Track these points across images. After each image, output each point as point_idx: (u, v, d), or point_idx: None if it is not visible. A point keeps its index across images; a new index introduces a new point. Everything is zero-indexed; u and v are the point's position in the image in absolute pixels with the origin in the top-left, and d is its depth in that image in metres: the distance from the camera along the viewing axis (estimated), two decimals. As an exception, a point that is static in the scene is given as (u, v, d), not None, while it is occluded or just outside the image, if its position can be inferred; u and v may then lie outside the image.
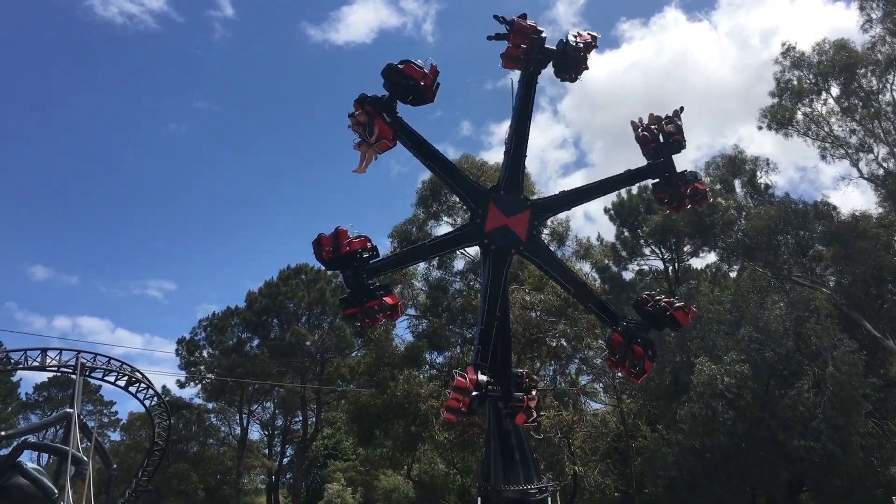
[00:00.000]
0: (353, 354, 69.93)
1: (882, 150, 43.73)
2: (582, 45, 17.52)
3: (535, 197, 20.88)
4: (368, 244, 16.07)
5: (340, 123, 16.89)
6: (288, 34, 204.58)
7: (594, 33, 17.89)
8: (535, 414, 15.45)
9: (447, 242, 19.76)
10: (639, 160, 18.11)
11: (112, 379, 50.81)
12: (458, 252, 46.89)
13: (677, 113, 17.77)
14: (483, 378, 14.87)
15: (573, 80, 18.09)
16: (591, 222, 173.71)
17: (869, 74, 43.97)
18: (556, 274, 17.62)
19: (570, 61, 17.64)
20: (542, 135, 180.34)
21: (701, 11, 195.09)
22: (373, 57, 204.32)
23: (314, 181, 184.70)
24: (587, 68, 18.01)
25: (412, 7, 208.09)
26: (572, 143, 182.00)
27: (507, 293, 17.04)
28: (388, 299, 16.00)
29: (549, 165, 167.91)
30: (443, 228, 47.52)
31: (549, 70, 17.73)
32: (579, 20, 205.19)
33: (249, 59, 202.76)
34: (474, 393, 14.50)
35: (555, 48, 17.47)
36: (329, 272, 61.67)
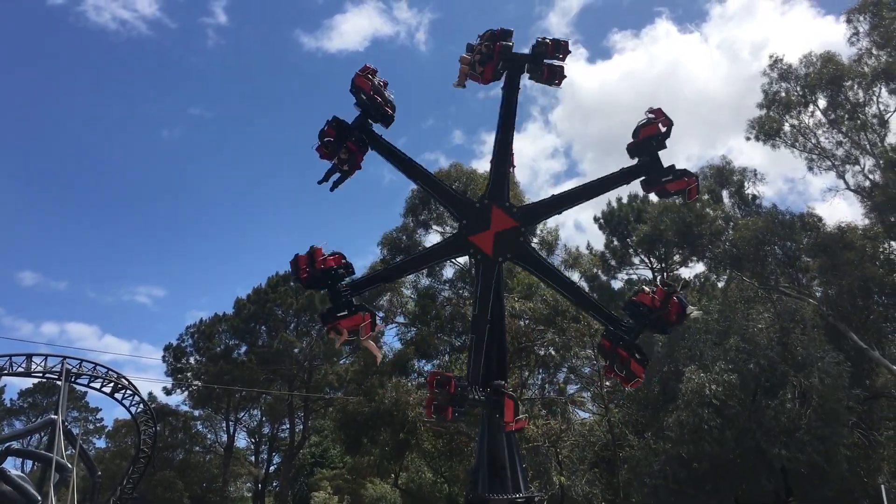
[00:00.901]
0: (342, 362, 69.72)
1: (868, 162, 44.06)
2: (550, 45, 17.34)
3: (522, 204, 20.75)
4: (343, 261, 16.59)
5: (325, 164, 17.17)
6: (281, 42, 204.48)
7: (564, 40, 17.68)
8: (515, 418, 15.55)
9: (434, 254, 19.93)
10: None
11: (98, 385, 50.65)
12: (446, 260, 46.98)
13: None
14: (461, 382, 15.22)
15: (551, 83, 17.96)
16: (582, 232, 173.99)
17: (855, 87, 44.30)
18: (548, 279, 17.59)
19: (542, 65, 17.51)
20: (534, 144, 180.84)
21: (692, 23, 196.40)
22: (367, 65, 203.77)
23: (306, 189, 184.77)
24: (563, 75, 17.75)
25: (406, 16, 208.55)
26: (563, 152, 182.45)
27: (502, 302, 17.04)
28: (343, 323, 16.32)
29: (540, 175, 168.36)
30: (432, 236, 47.71)
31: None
32: (571, 31, 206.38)
33: (243, 65, 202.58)
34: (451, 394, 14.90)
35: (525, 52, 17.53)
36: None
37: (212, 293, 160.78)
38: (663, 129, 16.52)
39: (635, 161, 16.76)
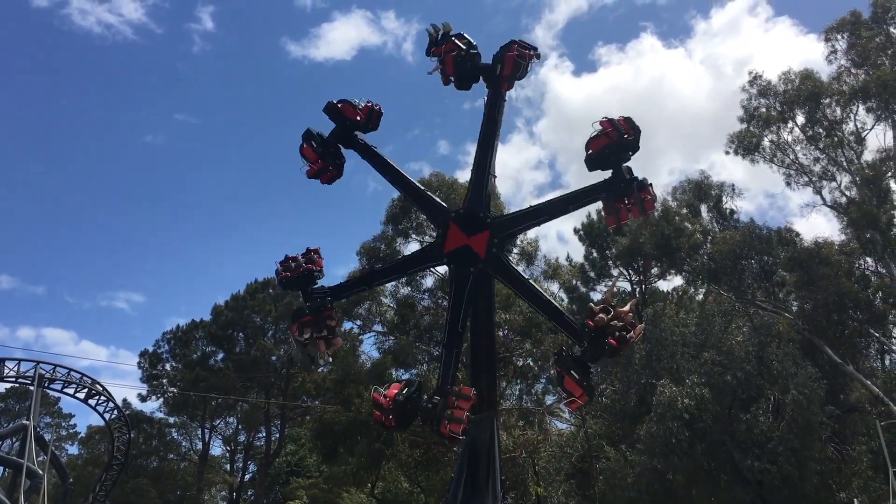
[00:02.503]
0: (319, 370, 69.36)
1: (845, 179, 44.60)
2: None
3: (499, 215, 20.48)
4: (316, 264, 17.02)
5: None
6: (268, 49, 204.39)
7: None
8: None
9: (410, 262, 19.89)
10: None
11: (71, 391, 50.18)
12: (426, 270, 46.90)
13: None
14: (403, 394, 15.07)
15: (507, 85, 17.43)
16: (564, 243, 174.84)
17: (833, 104, 44.89)
18: (520, 292, 17.25)
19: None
20: (518, 156, 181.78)
21: (676, 39, 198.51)
22: (352, 74, 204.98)
23: (289, 197, 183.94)
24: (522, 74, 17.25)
25: (393, 26, 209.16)
26: (547, 164, 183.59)
27: (492, 313, 16.91)
28: (292, 329, 16.79)
29: (523, 186, 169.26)
30: (412, 246, 47.58)
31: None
32: (557, 44, 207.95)
33: (229, 72, 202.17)
34: (393, 406, 14.87)
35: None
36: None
37: (192, 300, 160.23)
38: (616, 138, 15.21)
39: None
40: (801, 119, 45.37)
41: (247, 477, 79.69)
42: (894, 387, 40.40)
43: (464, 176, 48.90)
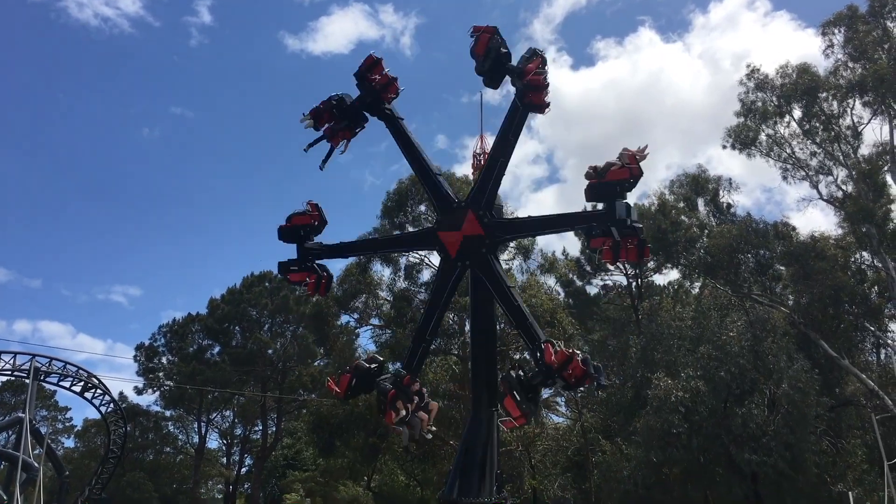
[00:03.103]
0: (316, 363, 69.39)
1: (841, 173, 44.59)
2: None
3: (498, 213, 20.38)
4: (316, 217, 17.02)
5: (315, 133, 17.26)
6: (266, 42, 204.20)
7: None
8: (407, 418, 14.87)
9: (402, 240, 19.98)
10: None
11: (67, 384, 50.07)
12: (423, 263, 46.99)
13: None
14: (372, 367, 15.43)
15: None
16: (562, 238, 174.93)
17: (830, 98, 44.83)
18: (496, 294, 16.07)
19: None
20: (516, 150, 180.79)
21: (674, 33, 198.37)
22: (350, 68, 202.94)
23: (287, 190, 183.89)
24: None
25: (391, 20, 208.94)
26: (545, 158, 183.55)
27: (491, 308, 16.84)
28: (291, 276, 17.01)
29: (521, 180, 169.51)
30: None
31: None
32: (556, 38, 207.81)
33: (226, 65, 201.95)
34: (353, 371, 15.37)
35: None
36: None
37: (189, 293, 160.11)
38: (636, 176, 14.87)
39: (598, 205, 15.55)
40: (797, 113, 45.32)
41: (243, 470, 79.69)
42: (889, 381, 40.54)
43: (461, 170, 48.92)
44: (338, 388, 15.41)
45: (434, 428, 15.33)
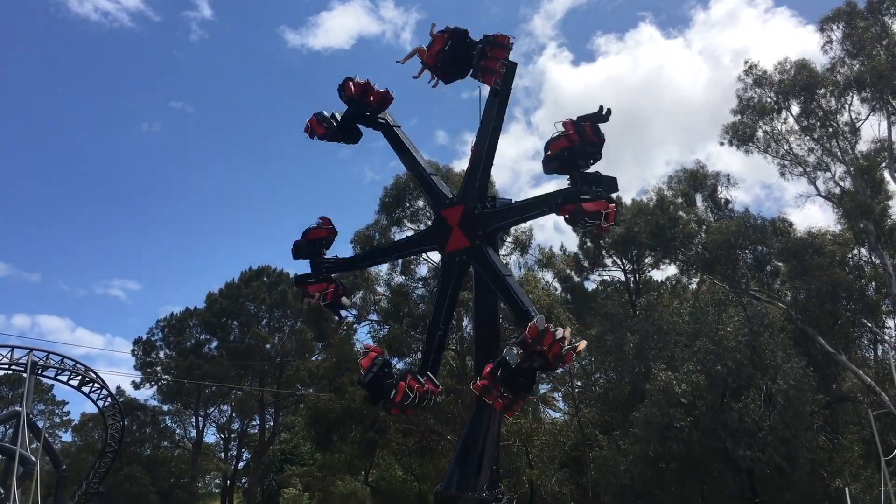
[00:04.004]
0: (314, 358, 69.39)
1: (839, 169, 44.57)
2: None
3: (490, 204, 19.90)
4: (328, 232, 18.24)
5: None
6: (266, 37, 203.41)
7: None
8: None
9: (408, 244, 20.25)
10: (609, 172, 16.80)
11: (65, 378, 50.08)
12: (421, 258, 46.89)
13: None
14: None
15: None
16: (561, 233, 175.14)
17: (828, 95, 44.77)
18: (495, 287, 15.86)
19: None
20: (515, 146, 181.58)
21: (675, 29, 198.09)
22: (351, 63, 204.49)
23: (286, 185, 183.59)
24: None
25: (392, 15, 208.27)
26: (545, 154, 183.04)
27: (495, 302, 16.79)
28: (311, 287, 17.80)
29: (521, 176, 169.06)
30: (406, 234, 47.47)
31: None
32: (556, 34, 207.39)
33: (226, 60, 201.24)
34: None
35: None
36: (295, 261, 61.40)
37: (186, 287, 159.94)
38: (577, 142, 14.33)
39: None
40: (795, 109, 45.27)
41: (241, 465, 79.73)
42: (886, 376, 40.56)
43: (459, 165, 48.86)
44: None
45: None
